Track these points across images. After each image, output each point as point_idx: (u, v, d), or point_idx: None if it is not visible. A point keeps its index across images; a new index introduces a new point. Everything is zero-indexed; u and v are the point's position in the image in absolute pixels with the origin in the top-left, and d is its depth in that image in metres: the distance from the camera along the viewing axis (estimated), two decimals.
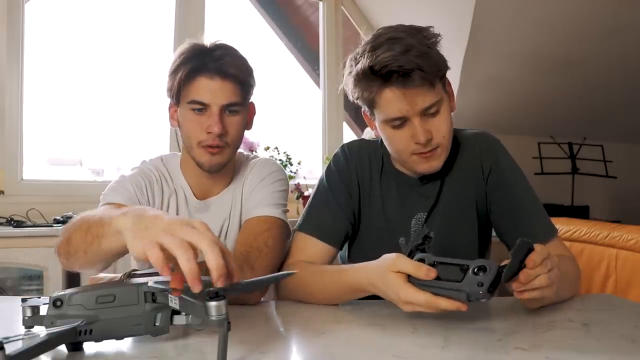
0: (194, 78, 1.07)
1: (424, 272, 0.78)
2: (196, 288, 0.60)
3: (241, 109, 1.12)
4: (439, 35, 1.01)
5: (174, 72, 1.09)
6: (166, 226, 0.64)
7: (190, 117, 1.09)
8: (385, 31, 1.01)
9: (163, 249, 0.62)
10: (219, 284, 0.61)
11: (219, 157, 1.10)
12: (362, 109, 1.10)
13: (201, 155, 1.10)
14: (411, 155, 1.04)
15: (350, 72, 1.03)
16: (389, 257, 0.85)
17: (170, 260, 0.62)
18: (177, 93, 1.10)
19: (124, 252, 0.76)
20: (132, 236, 0.67)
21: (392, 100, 0.98)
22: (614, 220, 2.93)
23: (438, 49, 1.02)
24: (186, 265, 0.60)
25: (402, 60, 0.94)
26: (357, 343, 0.77)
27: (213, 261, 0.61)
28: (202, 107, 1.08)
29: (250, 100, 1.18)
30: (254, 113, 1.21)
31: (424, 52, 0.96)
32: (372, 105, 1.03)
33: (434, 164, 1.05)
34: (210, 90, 1.07)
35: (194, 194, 1.18)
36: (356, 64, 1.01)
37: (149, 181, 1.15)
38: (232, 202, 1.19)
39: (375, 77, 0.97)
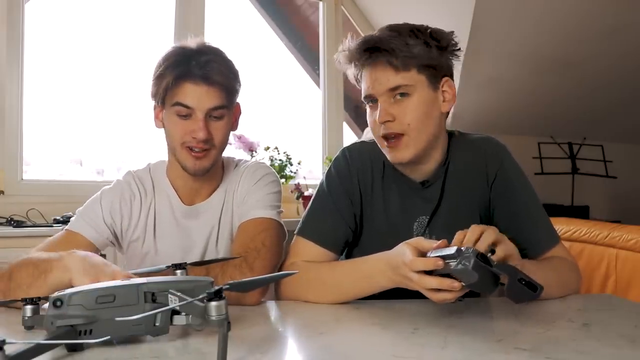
0: (179, 84, 1.07)
1: (433, 263, 0.81)
2: None
3: (226, 113, 1.12)
4: (452, 40, 1.05)
5: (159, 78, 1.09)
6: (110, 273, 0.81)
7: (174, 120, 1.10)
8: (395, 24, 1.05)
9: None
10: None
11: (205, 161, 1.11)
12: None
13: (185, 158, 1.11)
14: (381, 140, 1.07)
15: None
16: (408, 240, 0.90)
17: None
18: (162, 98, 1.10)
19: (62, 287, 0.82)
20: (80, 272, 0.82)
21: (364, 78, 1.06)
22: (614, 220, 2.92)
23: (451, 55, 1.06)
24: None
25: (374, 41, 1.01)
26: (357, 343, 0.77)
27: None
28: (186, 114, 1.08)
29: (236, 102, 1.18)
30: (239, 113, 1.21)
31: (403, 38, 1.00)
32: (360, 85, 1.09)
33: (399, 155, 1.05)
34: (196, 95, 1.07)
35: (181, 199, 1.18)
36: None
37: (126, 198, 1.16)
38: (222, 207, 1.19)
39: (356, 55, 1.04)
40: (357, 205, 1.14)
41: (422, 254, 0.85)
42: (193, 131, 1.07)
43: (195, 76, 1.06)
